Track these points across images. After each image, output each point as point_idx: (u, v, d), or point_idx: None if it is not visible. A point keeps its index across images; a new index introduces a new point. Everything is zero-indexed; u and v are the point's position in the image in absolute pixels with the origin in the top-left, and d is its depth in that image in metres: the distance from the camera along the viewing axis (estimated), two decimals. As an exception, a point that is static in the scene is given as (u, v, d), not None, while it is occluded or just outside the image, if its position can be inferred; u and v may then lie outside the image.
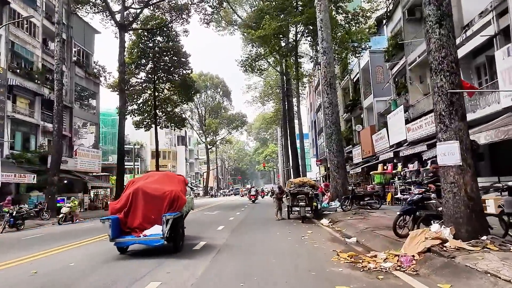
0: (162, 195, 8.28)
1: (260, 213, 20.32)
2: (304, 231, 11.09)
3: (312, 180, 16.33)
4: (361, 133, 30.45)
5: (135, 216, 8.27)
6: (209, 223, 13.96)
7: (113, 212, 8.39)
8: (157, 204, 8.22)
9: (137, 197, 8.36)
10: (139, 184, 8.74)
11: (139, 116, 43.41)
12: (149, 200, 8.31)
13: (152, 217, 8.19)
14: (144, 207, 8.29)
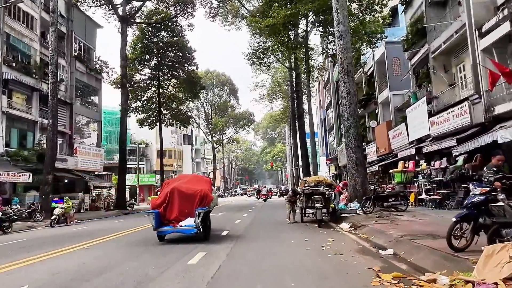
0: (193, 193, 9.96)
1: (269, 215, 18.50)
2: (324, 239, 9.25)
3: (328, 179, 14.41)
4: (376, 130, 28.47)
5: (172, 210, 9.97)
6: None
7: (154, 207, 10.14)
8: (190, 200, 9.91)
9: (173, 195, 10.06)
10: (175, 185, 10.49)
11: (143, 113, 41.95)
12: (183, 197, 10.01)
13: (186, 211, 9.84)
14: (179, 203, 9.97)
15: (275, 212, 20.76)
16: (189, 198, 9.96)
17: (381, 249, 7.49)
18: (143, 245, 9.35)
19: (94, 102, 35.49)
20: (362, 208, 13.33)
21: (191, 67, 41.34)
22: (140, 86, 40.21)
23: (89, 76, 33.79)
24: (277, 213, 19.57)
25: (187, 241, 9.39)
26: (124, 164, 31.24)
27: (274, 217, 17.43)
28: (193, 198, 9.89)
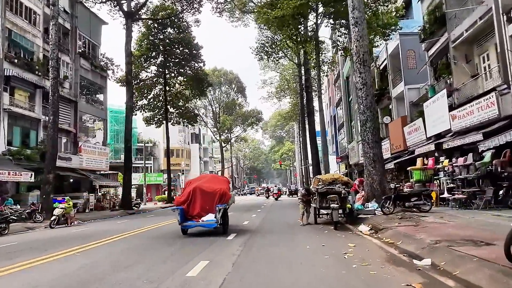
0: (214, 191, 10.95)
1: (279, 216, 17.37)
2: (344, 244, 8.11)
3: (344, 176, 13.21)
4: (390, 126, 27.15)
5: (194, 207, 10.91)
6: (216, 231, 11.07)
7: (178, 204, 11.13)
8: (210, 198, 10.86)
9: (195, 193, 11.02)
10: (196, 184, 11.49)
11: (150, 112, 41.12)
12: (204, 195, 10.97)
13: (207, 208, 10.79)
14: (201, 200, 10.92)
15: (285, 212, 19.64)
16: (209, 195, 11.00)
17: (415, 258, 6.32)
18: (136, 252, 8.28)
19: (99, 100, 34.69)
20: (381, 208, 12.13)
21: (198, 64, 40.42)
22: (146, 84, 39.37)
23: (94, 74, 32.98)
24: (288, 213, 18.46)
25: (193, 244, 8.90)
26: (130, 163, 30.35)
27: (285, 218, 16.31)
28: (213, 196, 10.93)
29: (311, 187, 13.27)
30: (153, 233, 12.12)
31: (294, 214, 17.67)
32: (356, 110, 37.34)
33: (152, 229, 13.64)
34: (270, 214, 18.36)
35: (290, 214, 17.81)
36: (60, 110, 28.73)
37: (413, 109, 24.78)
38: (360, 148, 36.19)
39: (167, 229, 13.63)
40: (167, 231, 12.64)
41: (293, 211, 20.04)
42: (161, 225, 15.07)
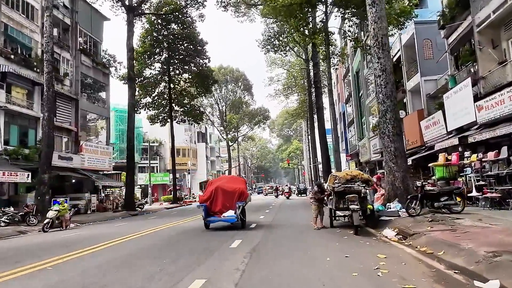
0: (233, 190, 12.24)
1: (289, 217, 15.89)
2: (371, 254, 6.61)
3: (364, 173, 11.62)
4: (405, 120, 25.44)
5: (216, 204, 12.10)
6: (219, 237, 9.65)
7: (202, 202, 12.40)
8: (230, 196, 12.11)
9: (217, 192, 12.25)
10: (218, 184, 12.72)
11: (154, 110, 39.90)
12: (225, 193, 12.19)
13: (227, 205, 12.03)
14: (222, 198, 12.12)
15: (296, 213, 18.15)
16: (230, 194, 12.20)
17: (473, 277, 4.80)
18: (119, 266, 6.83)
19: (101, 98, 33.49)
20: (406, 209, 10.59)
21: (203, 60, 39.05)
22: (150, 81, 38.12)
23: (96, 71, 31.78)
24: (298, 214, 16.99)
25: (189, 254, 7.70)
26: (132, 162, 29.10)
27: (296, 219, 14.85)
28: (233, 195, 12.17)
29: (325, 185, 11.73)
30: (147, 240, 10.73)
31: (305, 215, 16.21)
32: (367, 105, 35.71)
33: (148, 234, 12.26)
34: (279, 215, 16.90)
35: (301, 215, 16.34)
36: (61, 108, 27.69)
37: (430, 102, 23.12)
38: (372, 144, 34.60)
39: (164, 233, 12.26)
40: (163, 236, 11.26)
41: (304, 211, 18.57)
42: (159, 229, 13.69)
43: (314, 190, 11.46)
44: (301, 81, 51.39)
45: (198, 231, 12.09)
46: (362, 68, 35.71)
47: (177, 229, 13.38)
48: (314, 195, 11.17)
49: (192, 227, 13.57)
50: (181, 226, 14.35)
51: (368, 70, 33.70)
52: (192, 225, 14.59)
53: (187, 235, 11.20)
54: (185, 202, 38.65)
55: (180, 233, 11.93)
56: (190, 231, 12.26)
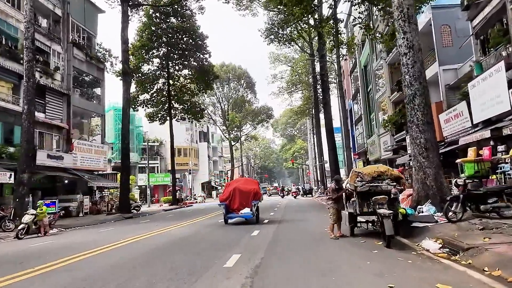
0: (249, 191, 14.20)
1: (298, 223, 13.77)
2: (426, 285, 4.49)
3: (393, 169, 9.44)
4: (421, 114, 23.28)
5: (234, 202, 14.02)
6: (211, 251, 7.58)
7: (222, 200, 14.47)
8: (246, 196, 14.01)
9: (235, 192, 14.18)
10: (235, 185, 14.84)
11: (153, 107, 37.95)
12: (242, 193, 14.08)
13: (244, 203, 13.90)
14: (239, 198, 14.02)
15: (304, 216, 16.04)
16: (246, 194, 13.86)
17: None
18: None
19: (96, 95, 31.52)
20: (444, 213, 8.46)
21: (204, 55, 37.03)
22: (149, 77, 36.14)
23: (90, 65, 29.83)
24: (308, 218, 14.90)
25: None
26: (127, 161, 27.11)
27: (306, 224, 12.76)
28: (249, 194, 13.87)
29: (345, 184, 9.61)
30: (124, 252, 8.68)
31: (315, 219, 14.12)
32: (376, 100, 33.57)
33: (131, 243, 10.22)
34: (285, 220, 14.82)
35: (311, 219, 14.26)
36: (51, 104, 25.78)
37: (449, 93, 21.03)
38: (382, 142, 32.47)
39: (150, 242, 10.21)
40: (147, 247, 9.19)
41: (313, 214, 16.51)
42: (146, 236, 11.64)
43: (331, 187, 9.26)
44: (305, 78, 49.31)
45: (189, 241, 10.06)
46: (371, 61, 33.57)
47: (165, 237, 11.32)
48: (332, 193, 9.01)
49: (183, 235, 11.51)
50: (171, 233, 12.27)
51: (378, 62, 31.61)
52: (184, 232, 12.51)
53: (174, 247, 9.14)
54: (185, 204, 36.61)
55: (168, 244, 9.85)
56: (179, 241, 10.18)
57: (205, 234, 11.56)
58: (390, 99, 29.50)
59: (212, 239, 10.14)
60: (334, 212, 8.75)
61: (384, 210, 7.30)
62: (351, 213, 8.74)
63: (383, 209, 7.46)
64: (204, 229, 13.23)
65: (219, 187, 66.43)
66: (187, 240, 10.17)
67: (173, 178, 36.81)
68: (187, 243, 9.64)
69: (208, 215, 19.88)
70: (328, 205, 9.03)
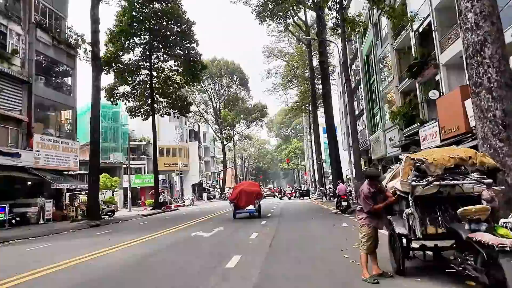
0: (252, 192, 17.19)
1: (300, 238, 9.83)
2: None
3: (484, 154, 5.49)
4: (440, 103, 19.52)
5: (241, 201, 16.72)
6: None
7: (231, 200, 17.45)
8: (251, 196, 16.90)
9: (241, 193, 16.84)
10: (241, 187, 17.80)
11: (134, 101, 33.98)
12: (247, 194, 16.85)
13: (249, 202, 16.83)
14: (245, 197, 16.74)
15: (307, 227, 12.12)
16: (250, 194, 16.96)
17: None
18: None
19: (66, 84, 27.44)
20: None
21: (190, 44, 33.07)
22: (130, 68, 32.12)
23: (58, 51, 25.73)
24: (313, 230, 10.99)
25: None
26: (96, 159, 23.05)
27: (314, 243, 8.78)
28: (253, 195, 17.04)
29: (387, 181, 5.58)
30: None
31: (324, 234, 10.17)
32: (381, 92, 29.84)
33: (43, 277, 6.23)
34: (281, 234, 10.81)
35: (317, 234, 10.31)
36: (7, 92, 21.66)
37: (477, 75, 17.22)
38: (388, 137, 28.74)
39: (65, 276, 6.20)
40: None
41: (318, 224, 12.63)
42: (75, 262, 7.60)
43: (362, 191, 5.13)
44: (301, 72, 45.54)
45: (123, 278, 6.08)
46: (375, 48, 29.83)
47: (94, 267, 7.31)
48: (365, 202, 5.01)
49: (128, 262, 7.46)
50: (110, 260, 8.13)
51: (383, 48, 27.89)
52: (131, 257, 8.20)
53: None
54: (169, 207, 32.52)
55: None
56: (105, 279, 6.16)
57: (154, 264, 7.38)
58: (398, 89, 25.74)
59: (160, 274, 6.18)
60: (370, 234, 4.81)
61: (490, 237, 3.36)
62: (400, 235, 4.76)
63: (476, 224, 3.53)
64: (164, 250, 9.11)
65: (211, 189, 62.41)
66: (120, 277, 6.18)
67: (156, 180, 32.77)
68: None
69: (187, 223, 15.92)
70: (360, 222, 5.02)
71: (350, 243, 7.55)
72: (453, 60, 18.82)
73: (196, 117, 59.11)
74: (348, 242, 7.81)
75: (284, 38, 49.90)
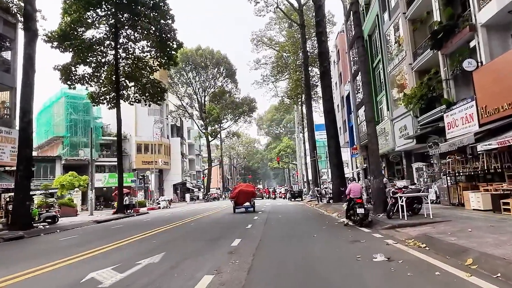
0: (249, 192, 20.94)
1: (295, 266, 4.46)
2: None
3: None
4: (479, 75, 14.44)
5: (240, 199, 20.30)
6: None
7: (231, 198, 21.45)
8: (248, 195, 20.61)
9: (240, 192, 20.52)
10: (240, 188, 21.45)
11: (99, 86, 28.43)
12: (245, 193, 20.52)
13: (246, 200, 20.43)
14: (243, 196, 20.36)
15: (310, 249, 6.82)
16: (247, 193, 20.61)
17: None
18: None
19: (4, 60, 21.76)
20: None
21: (165, 20, 27.56)
22: (90, 45, 26.47)
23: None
24: (318, 260, 5.54)
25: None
26: (27, 150, 17.25)
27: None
28: (249, 194, 20.73)
29: None
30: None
31: (327, 252, 4.76)
32: (389, 73, 24.65)
33: None
34: (268, 257, 5.67)
35: (320, 258, 4.95)
36: None
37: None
38: (397, 128, 23.59)
39: None
40: None
41: (325, 249, 7.24)
42: None
43: None
44: (293, 61, 40.32)
45: None
46: (381, 23, 24.70)
47: None
48: None
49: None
50: None
51: (393, 21, 22.77)
52: None
53: None
54: (137, 211, 26.88)
55: None
56: None
57: None
58: (412, 68, 20.66)
59: None
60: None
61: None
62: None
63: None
64: None
65: (196, 189, 56.79)
66: None
67: (120, 179, 27.08)
68: None
69: (123, 240, 10.40)
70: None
71: None
72: (496, 18, 13.77)
73: (179, 111, 53.50)
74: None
75: (274, 26, 44.84)
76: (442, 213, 10.94)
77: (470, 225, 8.17)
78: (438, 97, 18.12)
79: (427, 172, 18.76)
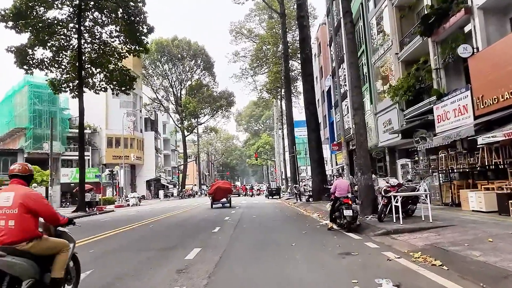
0: (226, 188, 22.26)
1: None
2: None
3: None
4: (475, 62, 13.02)
5: (217, 195, 21.70)
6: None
7: (209, 194, 23.29)
8: (224, 191, 21.87)
9: (218, 189, 21.92)
10: (218, 185, 22.85)
11: (61, 73, 25.78)
12: (221, 190, 21.79)
13: (223, 196, 21.76)
14: (220, 192, 21.67)
15: (284, 266, 5.01)
16: (224, 190, 21.87)
17: None
18: None
19: None
20: None
21: (135, 3, 25.15)
22: (53, 28, 23.78)
23: None
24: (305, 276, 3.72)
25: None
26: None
27: None
28: (226, 190, 22.00)
29: None
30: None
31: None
32: (373, 65, 23.20)
33: None
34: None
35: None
36: None
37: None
38: (381, 122, 22.09)
39: None
40: None
41: (304, 251, 5.50)
42: None
43: None
44: (273, 53, 38.53)
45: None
46: (365, 11, 23.22)
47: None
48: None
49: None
50: None
51: (377, 9, 21.30)
52: None
53: None
54: (100, 209, 24.45)
55: None
56: None
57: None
58: (399, 58, 19.21)
59: None
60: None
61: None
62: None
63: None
64: None
65: (171, 186, 54.27)
66: None
67: (81, 174, 24.55)
68: None
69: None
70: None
71: None
72: (494, 0, 12.41)
73: (154, 105, 50.81)
74: None
75: (254, 18, 42.92)
76: (440, 215, 9.37)
77: (484, 232, 6.56)
78: (426, 88, 16.73)
79: (414, 169, 17.33)
